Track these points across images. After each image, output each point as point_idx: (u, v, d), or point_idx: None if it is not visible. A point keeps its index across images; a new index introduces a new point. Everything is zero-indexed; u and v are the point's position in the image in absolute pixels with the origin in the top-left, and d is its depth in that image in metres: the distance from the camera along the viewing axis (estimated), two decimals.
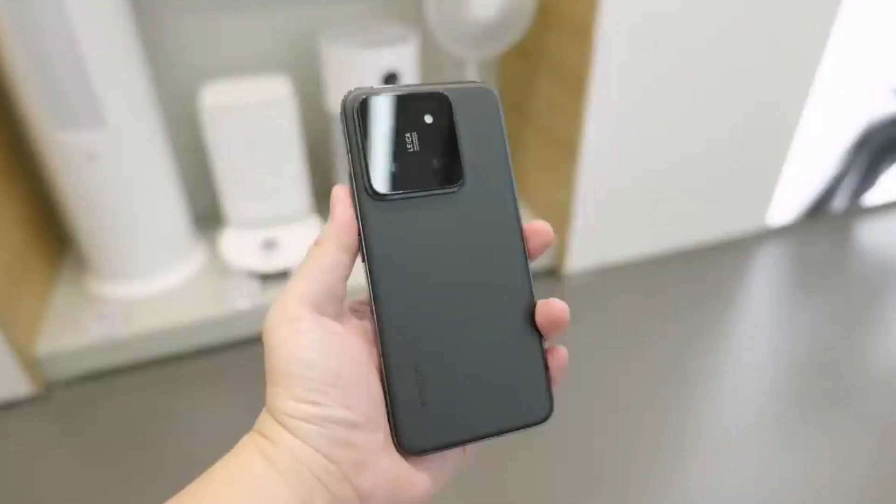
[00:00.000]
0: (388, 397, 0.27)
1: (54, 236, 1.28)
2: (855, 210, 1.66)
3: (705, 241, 1.51)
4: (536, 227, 0.29)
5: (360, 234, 0.27)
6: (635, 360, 1.20)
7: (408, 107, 0.28)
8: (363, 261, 0.27)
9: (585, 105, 1.15)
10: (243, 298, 1.17)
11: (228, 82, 1.16)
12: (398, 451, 0.27)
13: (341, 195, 0.27)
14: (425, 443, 0.27)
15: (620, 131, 1.22)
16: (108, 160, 1.04)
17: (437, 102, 0.28)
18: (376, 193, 0.27)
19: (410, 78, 1.15)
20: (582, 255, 1.38)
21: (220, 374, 1.16)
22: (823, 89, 1.36)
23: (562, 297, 0.29)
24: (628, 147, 1.25)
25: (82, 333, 1.10)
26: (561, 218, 1.33)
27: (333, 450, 0.24)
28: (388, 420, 0.27)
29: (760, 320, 1.33)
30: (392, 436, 0.27)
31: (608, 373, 1.17)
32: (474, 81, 0.30)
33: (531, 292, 0.29)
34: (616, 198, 1.32)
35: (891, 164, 1.60)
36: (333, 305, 0.27)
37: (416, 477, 0.27)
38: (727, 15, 1.16)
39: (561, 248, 1.36)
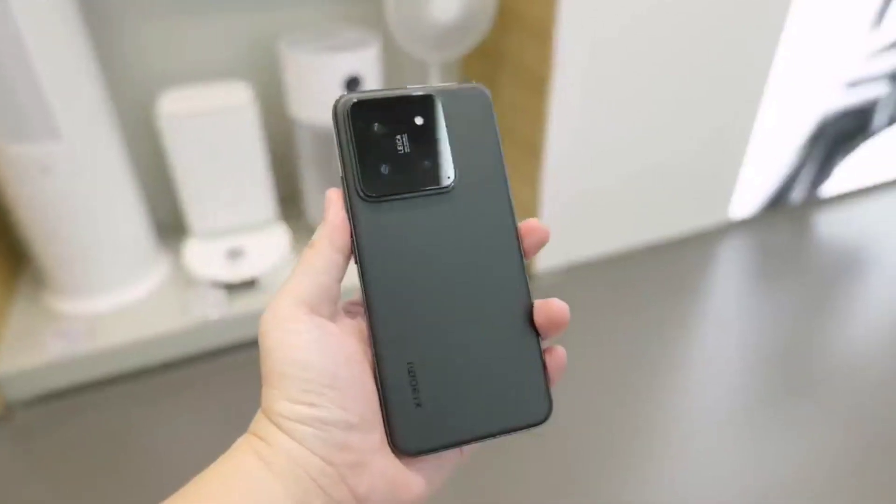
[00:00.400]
0: (382, 398, 0.27)
1: (9, 252, 1.24)
2: (813, 201, 1.71)
3: (670, 236, 1.53)
4: (532, 225, 0.29)
5: (352, 236, 0.27)
6: (605, 356, 1.21)
7: (397, 109, 0.28)
8: (356, 262, 0.27)
9: (548, 106, 1.16)
10: (210, 309, 1.15)
11: (187, 89, 1.14)
12: (393, 452, 0.27)
13: (334, 198, 0.28)
14: (420, 444, 0.27)
15: (583, 132, 1.23)
16: (64, 172, 1.01)
17: (427, 104, 0.28)
18: (367, 195, 0.27)
19: (373, 82, 1.15)
20: (549, 255, 1.39)
21: (189, 387, 1.14)
22: (778, 85, 1.40)
23: None
24: (592, 147, 1.27)
25: (43, 351, 1.07)
26: (527, 219, 1.34)
27: (330, 452, 0.24)
28: (383, 421, 0.27)
29: (726, 311, 1.36)
30: (387, 437, 0.27)
31: (579, 369, 1.18)
32: (467, 83, 0.30)
33: (527, 291, 0.28)
34: (581, 197, 1.34)
35: (845, 155, 1.65)
36: (328, 306, 0.27)
37: (411, 478, 0.27)
38: (684, 15, 1.18)
39: None
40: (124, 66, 1.19)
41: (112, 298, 1.17)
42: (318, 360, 0.25)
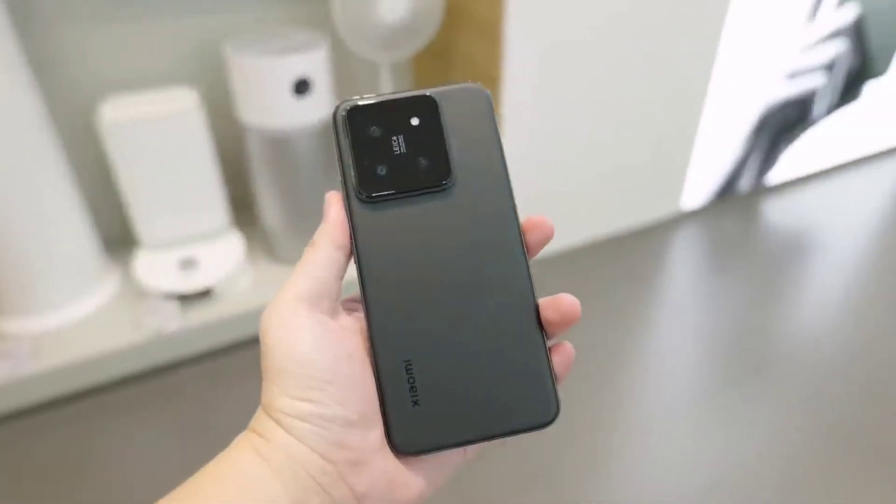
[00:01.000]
0: (379, 396, 0.26)
1: None
2: (759, 190, 1.76)
3: (624, 229, 1.56)
4: (536, 220, 0.29)
5: (351, 236, 0.27)
6: None
7: (394, 111, 0.28)
8: (355, 262, 0.27)
9: (499, 105, 1.17)
10: (164, 322, 1.12)
11: (130, 96, 1.11)
12: (391, 450, 0.26)
13: (333, 199, 0.28)
14: (417, 443, 0.26)
15: (535, 130, 1.24)
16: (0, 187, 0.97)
17: (424, 104, 0.28)
18: (365, 196, 0.27)
19: (322, 84, 1.13)
20: None
21: (145, 404, 1.10)
22: (722, 79, 1.44)
23: None
24: (546, 145, 1.28)
25: None
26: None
27: (329, 449, 0.24)
28: (382, 419, 0.26)
29: (681, 300, 1.39)
30: (385, 435, 0.26)
31: None
32: (465, 83, 0.30)
33: (531, 288, 0.28)
34: (535, 195, 1.35)
35: (788, 144, 1.71)
36: (329, 303, 0.27)
37: (410, 478, 0.26)
38: (630, 14, 1.20)
39: None
40: (63, 74, 1.15)
41: (58, 316, 1.12)
42: (318, 356, 0.25)
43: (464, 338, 0.27)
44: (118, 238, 1.29)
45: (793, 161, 1.75)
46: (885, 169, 1.90)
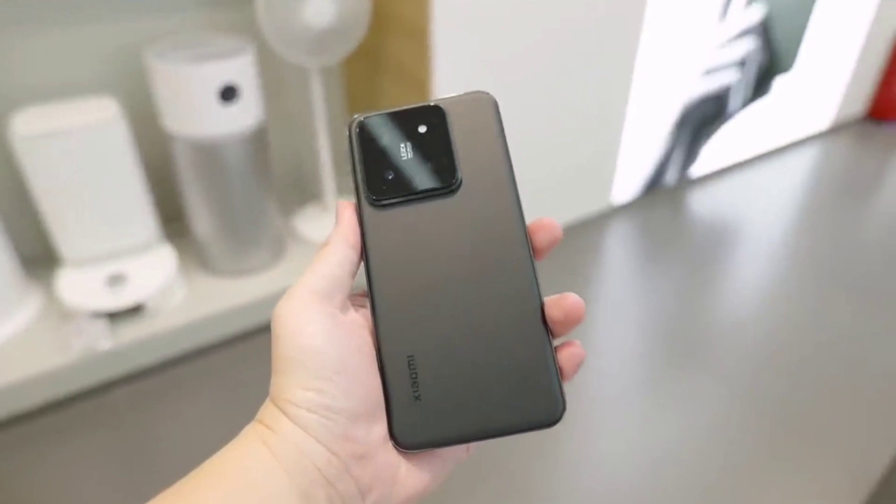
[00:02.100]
0: (384, 390, 0.27)
1: None
2: (684, 182, 1.84)
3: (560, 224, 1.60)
4: (543, 222, 0.29)
5: (362, 240, 0.28)
6: None
7: (403, 121, 0.30)
8: (364, 263, 0.28)
9: None
10: (93, 341, 1.07)
11: (44, 107, 1.06)
12: (393, 444, 0.27)
13: (345, 205, 0.29)
14: (417, 438, 0.27)
15: None
16: None
17: (431, 113, 0.30)
18: (373, 199, 0.29)
19: (250, 90, 1.12)
20: None
21: (76, 429, 1.05)
22: (643, 78, 1.50)
23: None
24: None
25: None
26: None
27: (335, 441, 0.24)
28: (386, 413, 0.27)
29: (616, 292, 1.44)
30: (388, 429, 0.27)
31: None
32: (474, 91, 0.31)
33: (537, 287, 0.28)
34: None
35: (708, 138, 1.80)
36: (341, 299, 0.27)
37: (414, 472, 0.27)
38: (554, 16, 1.24)
39: None
40: None
41: None
42: (328, 348, 0.25)
43: (468, 335, 0.27)
44: (40, 256, 1.23)
45: (713, 154, 1.84)
46: (796, 159, 2.02)
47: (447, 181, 0.29)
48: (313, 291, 0.26)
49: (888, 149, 2.11)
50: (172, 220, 1.32)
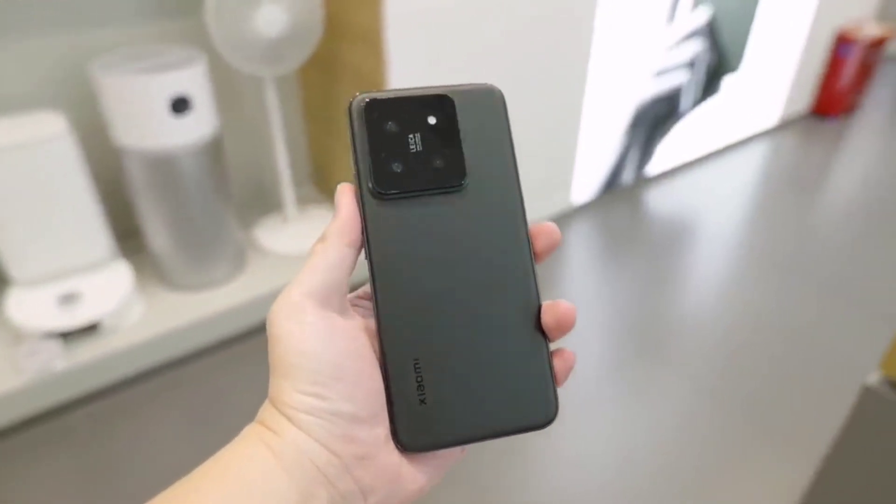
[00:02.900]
0: (387, 393, 0.27)
1: None
2: (641, 181, 1.88)
3: None
4: (543, 227, 0.29)
5: (364, 232, 0.27)
6: None
7: (411, 108, 0.28)
8: (366, 258, 0.27)
9: None
10: (46, 363, 1.04)
11: None
12: (396, 446, 0.27)
13: (345, 192, 0.28)
14: (422, 441, 0.27)
15: None
16: None
17: (441, 103, 0.28)
18: (378, 192, 0.27)
19: (203, 101, 1.10)
20: None
21: (32, 452, 1.02)
22: (597, 80, 1.53)
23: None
24: None
25: None
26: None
27: (336, 443, 0.24)
28: (389, 416, 0.27)
29: (580, 291, 1.46)
30: (391, 432, 0.27)
31: None
32: (482, 83, 0.30)
33: (536, 292, 0.28)
34: None
35: (662, 137, 1.84)
36: (338, 300, 0.27)
37: (413, 473, 0.27)
38: (508, 22, 1.25)
39: None
40: None
41: None
42: (327, 352, 0.25)
43: (471, 338, 0.27)
44: None
45: (667, 153, 1.89)
46: (746, 155, 2.08)
47: (457, 179, 0.28)
48: (309, 295, 0.26)
49: (832, 143, 2.19)
50: (129, 236, 1.29)
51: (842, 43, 2.17)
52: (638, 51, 1.60)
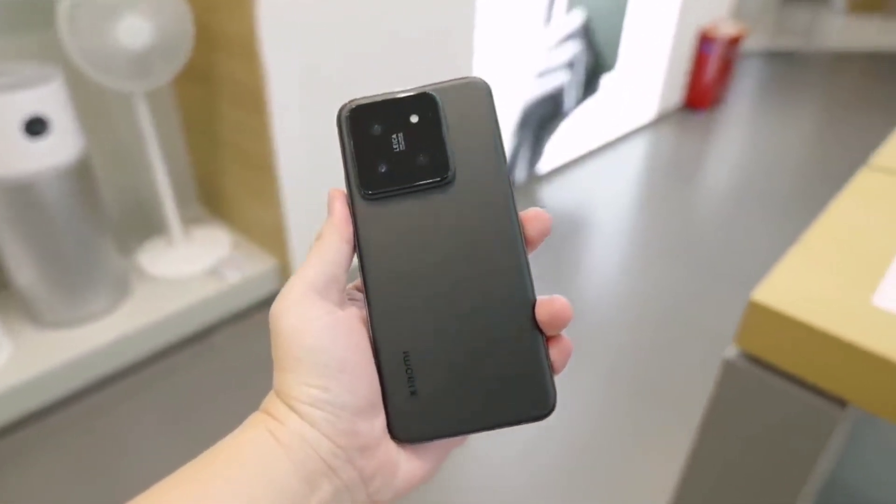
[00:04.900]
0: (381, 385, 0.27)
1: None
2: (533, 179, 1.94)
3: None
4: (533, 213, 0.29)
5: (354, 234, 0.28)
6: None
7: (395, 110, 0.29)
8: (357, 258, 0.28)
9: (269, 122, 1.14)
10: None
11: None
12: (391, 437, 0.27)
13: (336, 195, 0.29)
14: (414, 432, 0.27)
15: (312, 144, 1.24)
16: None
17: (423, 101, 0.29)
18: (365, 192, 0.28)
19: (63, 120, 1.02)
20: None
21: None
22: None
23: None
24: (324, 160, 1.28)
25: None
26: (277, 241, 1.31)
27: (340, 435, 0.25)
28: (384, 408, 0.27)
29: None
30: (386, 423, 0.27)
31: None
32: (469, 76, 0.30)
33: (530, 282, 0.28)
34: (319, 210, 1.34)
35: (550, 135, 1.91)
36: (337, 294, 0.27)
37: (414, 462, 0.27)
38: (385, 23, 1.25)
39: (285, 270, 1.34)
40: None
41: None
42: (330, 346, 0.25)
43: (462, 330, 0.28)
44: None
45: (556, 150, 1.96)
46: (629, 148, 2.20)
47: (441, 173, 0.28)
48: (311, 288, 0.27)
49: (703, 134, 2.36)
50: None
51: (704, 41, 2.34)
52: (519, 52, 1.65)
